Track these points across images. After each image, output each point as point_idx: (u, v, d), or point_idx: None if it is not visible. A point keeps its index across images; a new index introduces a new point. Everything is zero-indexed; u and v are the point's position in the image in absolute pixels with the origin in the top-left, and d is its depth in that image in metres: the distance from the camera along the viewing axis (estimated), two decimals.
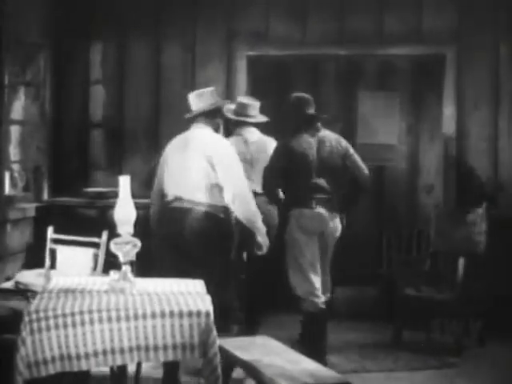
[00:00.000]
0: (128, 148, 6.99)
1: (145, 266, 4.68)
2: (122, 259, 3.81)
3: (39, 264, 5.49)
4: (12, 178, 6.30)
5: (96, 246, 5.08)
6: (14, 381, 3.35)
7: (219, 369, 3.50)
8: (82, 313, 3.44)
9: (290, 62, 7.57)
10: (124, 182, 3.86)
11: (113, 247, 3.83)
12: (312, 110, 5.66)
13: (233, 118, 6.09)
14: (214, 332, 3.50)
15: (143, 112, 6.97)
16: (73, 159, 7.03)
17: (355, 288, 7.27)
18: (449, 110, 6.74)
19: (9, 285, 5.27)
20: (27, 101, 6.51)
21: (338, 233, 5.67)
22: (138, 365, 4.59)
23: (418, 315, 6.23)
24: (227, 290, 5.22)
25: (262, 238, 5.19)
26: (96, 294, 3.73)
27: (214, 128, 5.21)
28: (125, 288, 3.76)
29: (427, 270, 6.48)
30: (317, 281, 5.52)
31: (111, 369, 4.39)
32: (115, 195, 4.00)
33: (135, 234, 3.85)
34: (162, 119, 6.94)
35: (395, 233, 7.30)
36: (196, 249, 4.96)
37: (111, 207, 4.05)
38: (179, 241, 4.97)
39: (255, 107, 6.15)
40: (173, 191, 5.08)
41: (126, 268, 3.80)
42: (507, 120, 6.66)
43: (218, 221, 5.02)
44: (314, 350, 5.31)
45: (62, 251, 5.17)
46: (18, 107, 6.39)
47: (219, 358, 3.53)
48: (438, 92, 6.92)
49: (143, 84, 6.96)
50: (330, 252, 5.71)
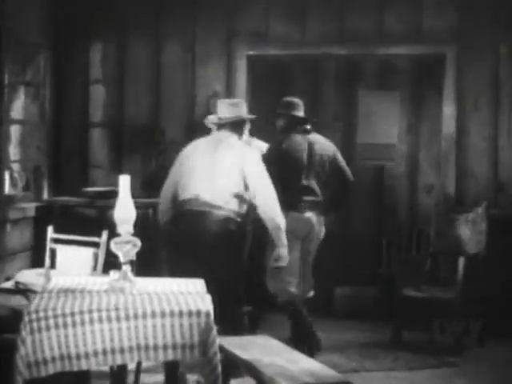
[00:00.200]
0: (128, 148, 6.99)
1: (145, 265, 4.68)
2: (122, 259, 3.81)
3: (39, 264, 5.49)
4: (12, 178, 6.29)
5: (96, 245, 5.08)
6: (13, 381, 3.34)
7: (219, 368, 3.50)
8: (81, 312, 3.44)
9: (289, 62, 7.57)
10: (124, 182, 3.86)
11: (113, 247, 3.83)
12: (301, 113, 5.73)
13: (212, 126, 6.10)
14: (214, 331, 3.51)
15: (143, 112, 6.96)
16: (73, 159, 7.03)
17: (355, 288, 7.27)
18: (449, 110, 6.74)
19: (9, 285, 5.26)
20: (27, 100, 6.51)
21: (322, 234, 5.73)
22: (138, 365, 4.60)
23: (417, 315, 6.22)
24: (238, 293, 5.21)
25: (283, 249, 5.16)
26: (96, 293, 3.72)
27: (238, 137, 5.30)
28: (125, 288, 3.76)
29: (427, 269, 6.48)
30: (293, 281, 5.64)
31: (111, 368, 4.39)
32: (115, 195, 3.99)
33: (135, 234, 3.85)
34: (162, 119, 6.93)
35: (395, 233, 7.30)
36: (212, 252, 4.96)
37: (111, 207, 4.05)
38: (196, 243, 4.98)
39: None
40: (192, 191, 5.07)
41: (126, 268, 3.80)
42: (507, 120, 6.66)
43: (236, 226, 5.04)
44: (303, 343, 5.38)
45: (62, 251, 5.16)
46: (18, 107, 6.38)
47: (219, 357, 3.53)
48: (438, 91, 6.92)
49: (143, 84, 6.96)
50: (313, 254, 5.76)
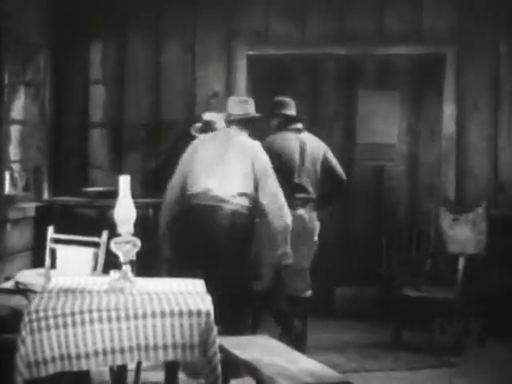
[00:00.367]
0: (128, 148, 6.99)
1: (145, 265, 4.68)
2: (122, 259, 3.81)
3: (39, 264, 5.49)
4: (12, 178, 6.29)
5: (96, 245, 5.08)
6: (13, 381, 3.34)
7: (219, 368, 3.50)
8: (82, 312, 3.44)
9: (289, 62, 7.57)
10: (124, 182, 3.86)
11: (113, 247, 3.83)
12: (292, 112, 5.80)
13: (197, 135, 6.09)
14: (214, 331, 3.51)
15: (143, 112, 6.96)
16: (73, 159, 7.03)
17: (355, 288, 7.27)
18: (449, 110, 6.74)
19: (9, 284, 5.26)
20: (27, 100, 6.50)
21: (317, 231, 5.73)
22: (138, 365, 4.59)
23: (417, 315, 6.22)
24: (246, 288, 5.28)
25: (288, 247, 5.19)
26: (96, 293, 3.72)
27: (247, 134, 5.37)
28: (125, 288, 3.76)
29: (427, 269, 6.48)
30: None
31: (111, 369, 4.39)
32: (115, 195, 3.99)
33: (135, 234, 3.85)
34: (162, 119, 6.93)
35: (395, 233, 7.30)
36: (222, 245, 5.03)
37: (111, 207, 4.04)
38: (206, 237, 5.05)
39: (219, 122, 6.15)
40: (202, 185, 5.13)
41: (126, 267, 3.80)
42: (507, 120, 6.66)
43: (245, 219, 5.13)
44: (289, 333, 5.42)
45: (62, 251, 5.16)
46: (18, 107, 6.37)
47: (219, 357, 3.53)
48: (438, 91, 6.92)
49: (143, 84, 6.96)
50: (310, 253, 5.74)
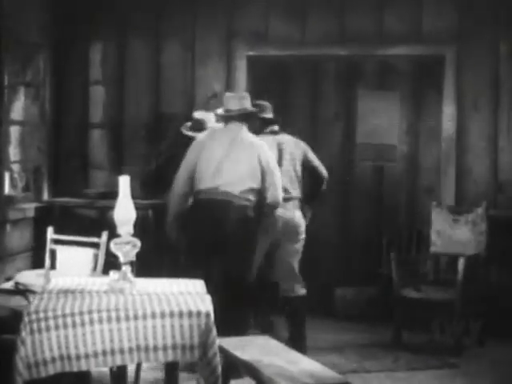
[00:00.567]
0: (128, 148, 6.99)
1: (145, 266, 4.68)
2: (121, 259, 3.81)
3: (39, 264, 5.49)
4: (12, 179, 6.29)
5: (96, 246, 5.08)
6: (13, 381, 3.34)
7: (219, 369, 3.50)
8: (81, 313, 3.44)
9: (289, 62, 7.56)
10: (124, 182, 3.86)
11: (113, 247, 3.83)
12: (269, 115, 5.83)
13: (188, 133, 6.09)
14: (214, 332, 3.51)
15: (143, 112, 6.96)
16: (73, 159, 7.03)
17: (355, 288, 7.27)
18: (448, 110, 6.73)
19: (9, 285, 5.26)
20: (27, 101, 6.50)
21: (302, 229, 5.72)
22: (138, 365, 4.59)
23: (417, 315, 6.22)
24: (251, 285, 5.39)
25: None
26: (96, 294, 3.72)
27: (247, 129, 5.45)
28: (125, 288, 3.76)
29: (427, 270, 6.47)
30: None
31: (111, 369, 4.39)
32: (115, 195, 4.00)
33: (135, 235, 3.85)
34: (162, 119, 6.93)
35: (395, 233, 7.30)
36: (231, 239, 5.13)
37: (111, 207, 4.05)
38: (216, 231, 5.13)
39: (210, 120, 6.14)
40: (209, 181, 5.21)
41: (126, 268, 3.81)
42: (507, 120, 6.65)
43: (253, 213, 5.25)
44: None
45: (62, 251, 5.17)
46: (18, 107, 6.37)
47: (219, 358, 3.53)
48: (438, 91, 6.92)
49: (143, 83, 6.96)
50: (294, 250, 5.72)
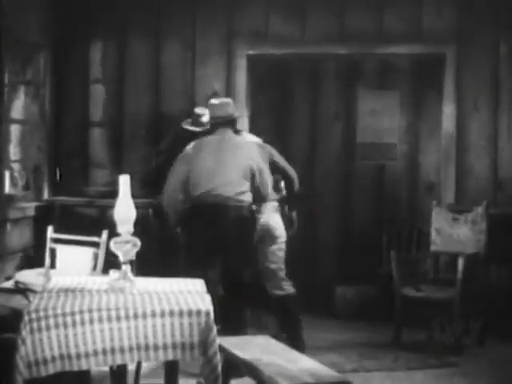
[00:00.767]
0: (128, 147, 6.99)
1: (145, 265, 4.68)
2: (121, 258, 3.81)
3: (39, 263, 5.49)
4: (12, 178, 6.29)
5: (96, 245, 5.08)
6: (14, 380, 3.34)
7: (219, 368, 3.50)
8: (81, 312, 3.44)
9: (289, 61, 7.57)
10: (124, 181, 3.86)
11: (113, 246, 3.83)
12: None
13: (189, 128, 6.07)
14: (214, 331, 3.50)
15: (143, 111, 6.96)
16: (73, 159, 7.03)
17: (355, 287, 7.27)
18: (449, 109, 6.74)
19: (9, 284, 5.26)
20: (27, 100, 6.50)
21: (278, 231, 5.69)
22: (138, 364, 4.59)
23: (417, 315, 6.22)
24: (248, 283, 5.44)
25: None
26: (96, 293, 3.72)
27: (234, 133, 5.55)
28: (125, 287, 3.76)
29: (427, 269, 6.47)
30: None
31: (111, 368, 4.39)
32: (115, 194, 3.99)
33: (135, 234, 3.85)
34: (162, 118, 6.93)
35: (395, 232, 7.30)
36: (228, 239, 5.21)
37: (111, 206, 4.04)
38: (213, 233, 5.20)
39: (206, 115, 6.09)
40: (204, 187, 5.27)
41: (126, 267, 3.80)
42: (507, 119, 6.66)
43: (248, 213, 5.32)
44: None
45: (62, 250, 5.17)
46: (18, 106, 6.37)
47: (219, 357, 3.53)
48: (438, 91, 6.92)
49: (143, 83, 6.96)
50: (270, 251, 5.70)
